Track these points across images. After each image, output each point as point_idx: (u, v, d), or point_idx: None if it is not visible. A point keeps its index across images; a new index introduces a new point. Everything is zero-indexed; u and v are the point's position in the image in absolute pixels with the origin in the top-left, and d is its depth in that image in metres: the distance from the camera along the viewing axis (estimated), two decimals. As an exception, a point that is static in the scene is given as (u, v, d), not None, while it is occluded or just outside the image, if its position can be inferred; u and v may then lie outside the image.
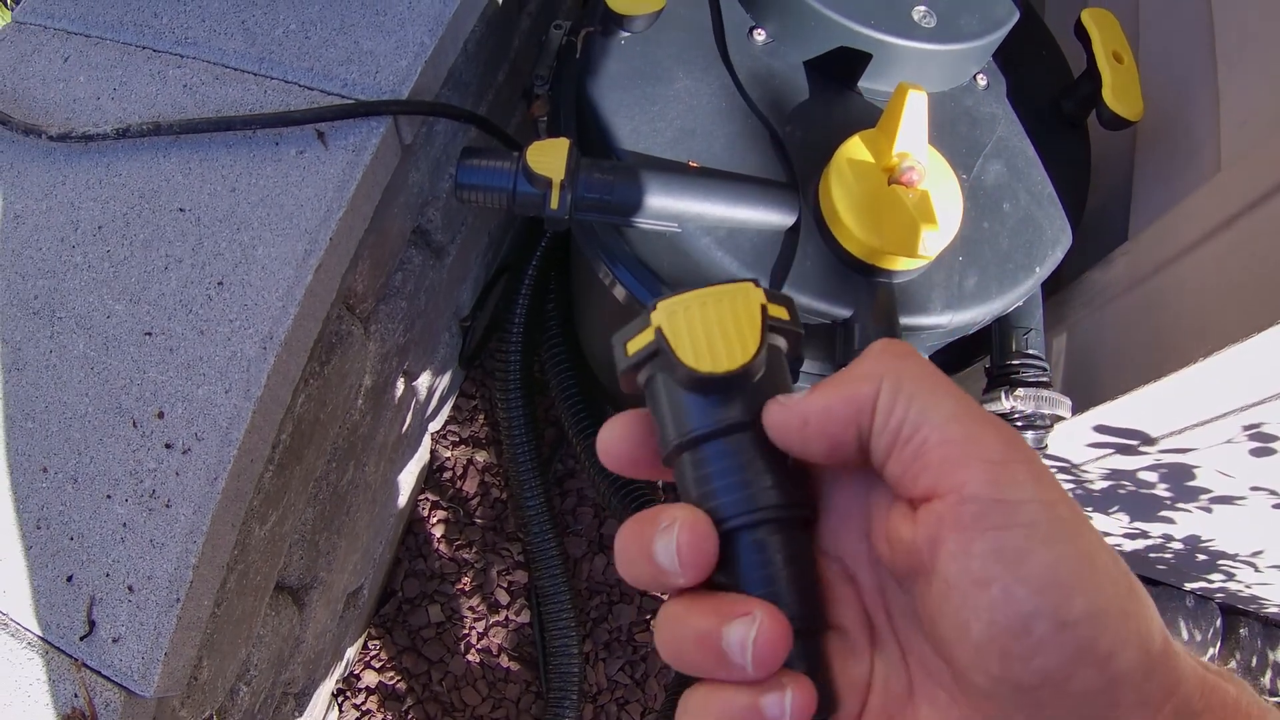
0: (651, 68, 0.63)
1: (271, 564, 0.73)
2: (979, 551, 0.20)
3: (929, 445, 0.22)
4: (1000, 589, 0.20)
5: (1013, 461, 0.21)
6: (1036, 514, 0.20)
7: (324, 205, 0.58)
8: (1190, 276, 0.66)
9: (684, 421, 0.26)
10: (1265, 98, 0.65)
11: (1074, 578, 0.20)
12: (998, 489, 0.21)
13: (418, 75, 0.60)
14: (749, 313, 0.26)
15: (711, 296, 0.26)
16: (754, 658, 0.22)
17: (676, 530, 0.23)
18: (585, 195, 0.58)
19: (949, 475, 0.21)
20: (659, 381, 0.26)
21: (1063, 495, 0.21)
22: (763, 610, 0.23)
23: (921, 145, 0.57)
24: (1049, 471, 0.21)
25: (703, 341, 0.25)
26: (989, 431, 0.22)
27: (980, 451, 0.21)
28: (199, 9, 0.66)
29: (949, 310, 0.62)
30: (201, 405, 0.58)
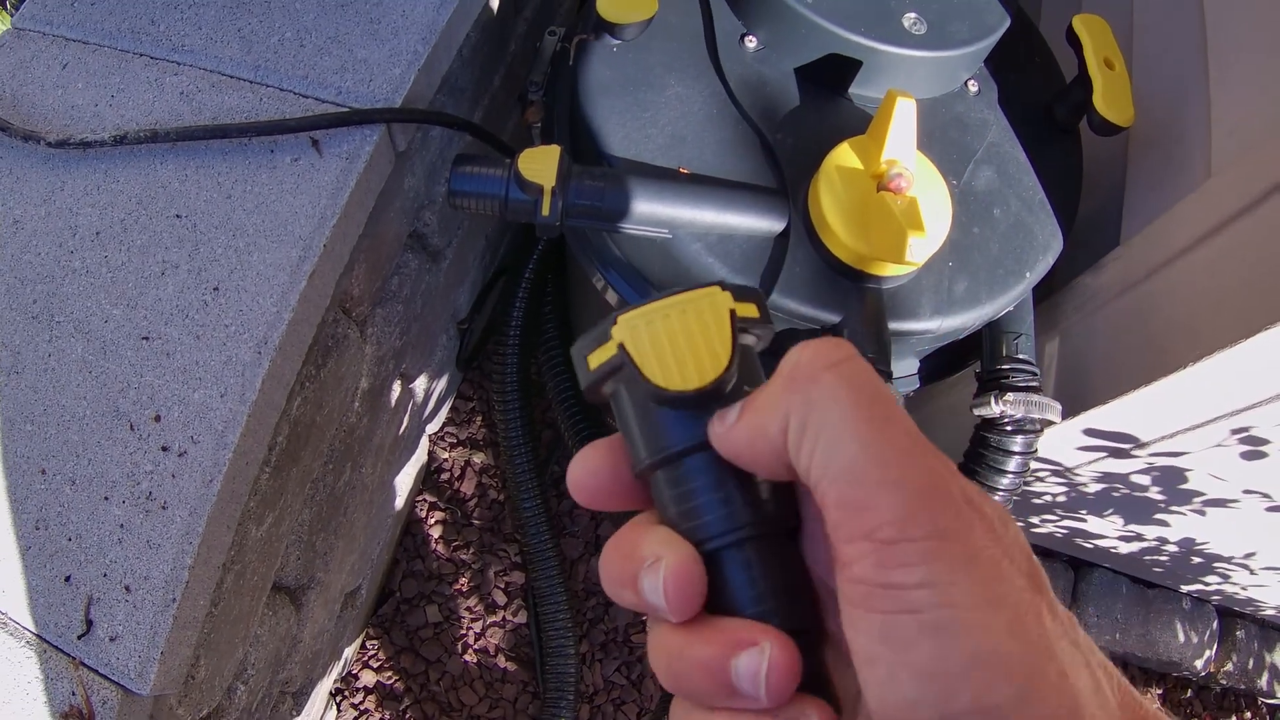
0: (643, 75, 0.64)
1: (268, 564, 0.73)
2: (866, 629, 0.20)
3: (827, 503, 0.20)
4: (886, 670, 0.19)
5: (905, 540, 0.19)
6: (925, 600, 0.19)
7: (318, 212, 0.59)
8: (1181, 282, 0.66)
9: (656, 439, 0.24)
10: (1256, 105, 0.65)
11: (960, 673, 0.18)
12: (884, 573, 0.19)
13: (411, 83, 0.61)
14: (717, 320, 0.24)
15: (675, 307, 0.24)
16: (769, 689, 0.21)
17: (663, 572, 0.22)
18: (576, 202, 0.59)
19: (841, 545, 0.20)
20: (625, 395, 0.25)
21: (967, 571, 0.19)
22: (769, 638, 0.21)
23: (910, 152, 0.58)
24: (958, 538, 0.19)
25: (669, 356, 0.23)
26: (884, 496, 0.19)
27: (870, 526, 0.19)
28: (195, 17, 0.67)
29: (938, 316, 0.62)
30: (197, 409, 0.58)
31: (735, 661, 0.21)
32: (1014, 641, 0.19)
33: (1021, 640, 0.19)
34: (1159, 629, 1.04)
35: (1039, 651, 0.19)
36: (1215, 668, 1.07)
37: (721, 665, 0.21)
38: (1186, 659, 1.06)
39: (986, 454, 0.66)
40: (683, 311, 0.24)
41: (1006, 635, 0.19)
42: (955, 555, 0.19)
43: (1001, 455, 0.66)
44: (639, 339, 0.24)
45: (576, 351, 0.26)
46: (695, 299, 0.24)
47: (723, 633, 0.22)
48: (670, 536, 0.23)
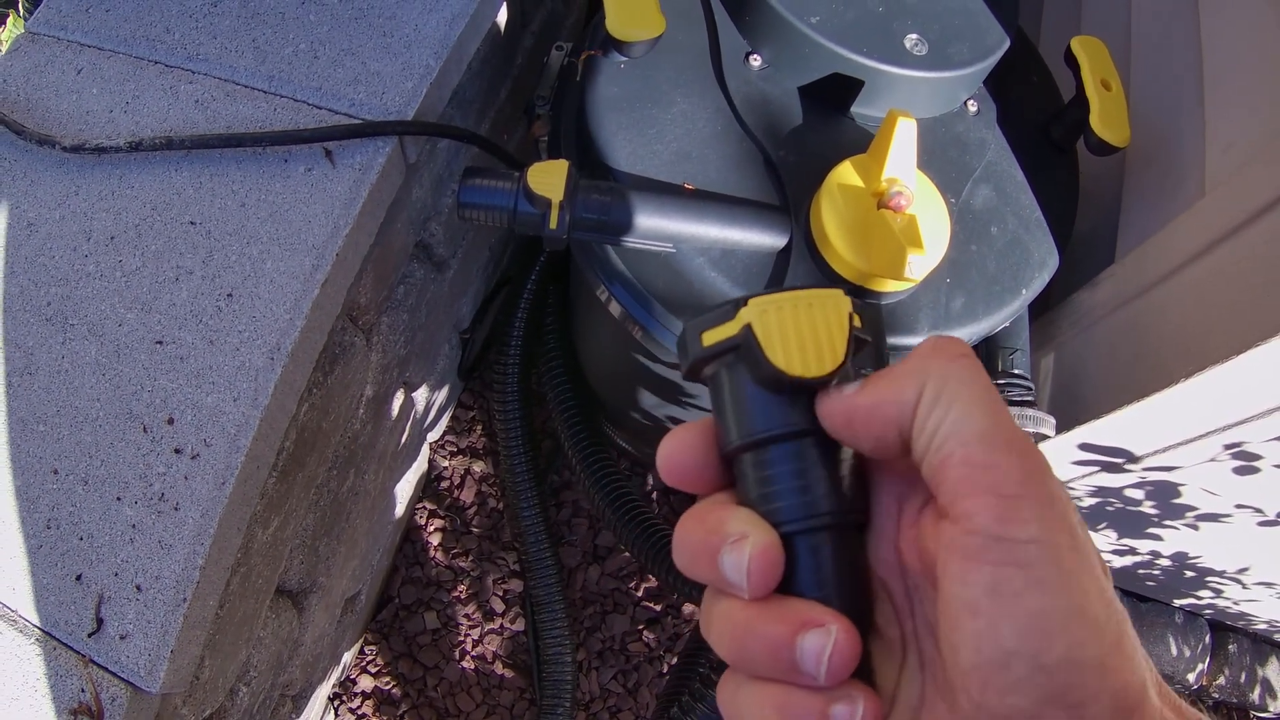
0: (649, 91, 0.65)
1: (273, 568, 0.74)
2: (975, 581, 0.21)
3: (952, 461, 0.22)
4: (987, 622, 0.21)
5: (1025, 498, 0.21)
6: (1036, 556, 0.21)
7: (331, 222, 0.60)
8: (1174, 299, 0.68)
9: (752, 421, 0.26)
10: (1250, 123, 0.67)
11: (1059, 625, 0.20)
12: (1002, 525, 0.21)
13: (423, 96, 0.62)
14: (839, 320, 0.26)
15: (803, 300, 0.26)
16: (829, 669, 0.23)
17: (749, 550, 0.24)
18: (583, 216, 0.60)
19: (961, 500, 0.22)
20: (728, 376, 0.26)
21: (1070, 538, 0.21)
22: (837, 622, 0.23)
23: (910, 171, 0.59)
24: (1063, 509, 0.21)
25: (793, 344, 0.25)
26: (1011, 460, 0.22)
27: (995, 482, 0.21)
28: (210, 26, 0.68)
29: (935, 331, 0.63)
30: (210, 413, 0.59)
31: (802, 640, 0.23)
32: (1103, 608, 0.21)
33: (1108, 609, 0.21)
34: (1151, 642, 1.05)
35: (1119, 622, 0.21)
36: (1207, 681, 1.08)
37: (788, 642, 0.23)
38: (1179, 672, 1.07)
39: (982, 467, 0.68)
40: (809, 305, 0.26)
41: (1099, 600, 0.21)
42: (1062, 520, 0.21)
43: (997, 468, 0.67)
44: (767, 322, 0.25)
45: (691, 328, 0.27)
46: (822, 296, 0.26)
47: (791, 612, 0.24)
48: (754, 517, 0.25)
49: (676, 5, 0.67)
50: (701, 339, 0.27)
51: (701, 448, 0.27)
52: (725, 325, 0.26)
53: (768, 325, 0.25)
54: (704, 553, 0.25)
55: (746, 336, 0.25)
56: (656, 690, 1.03)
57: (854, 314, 0.26)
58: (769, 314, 0.25)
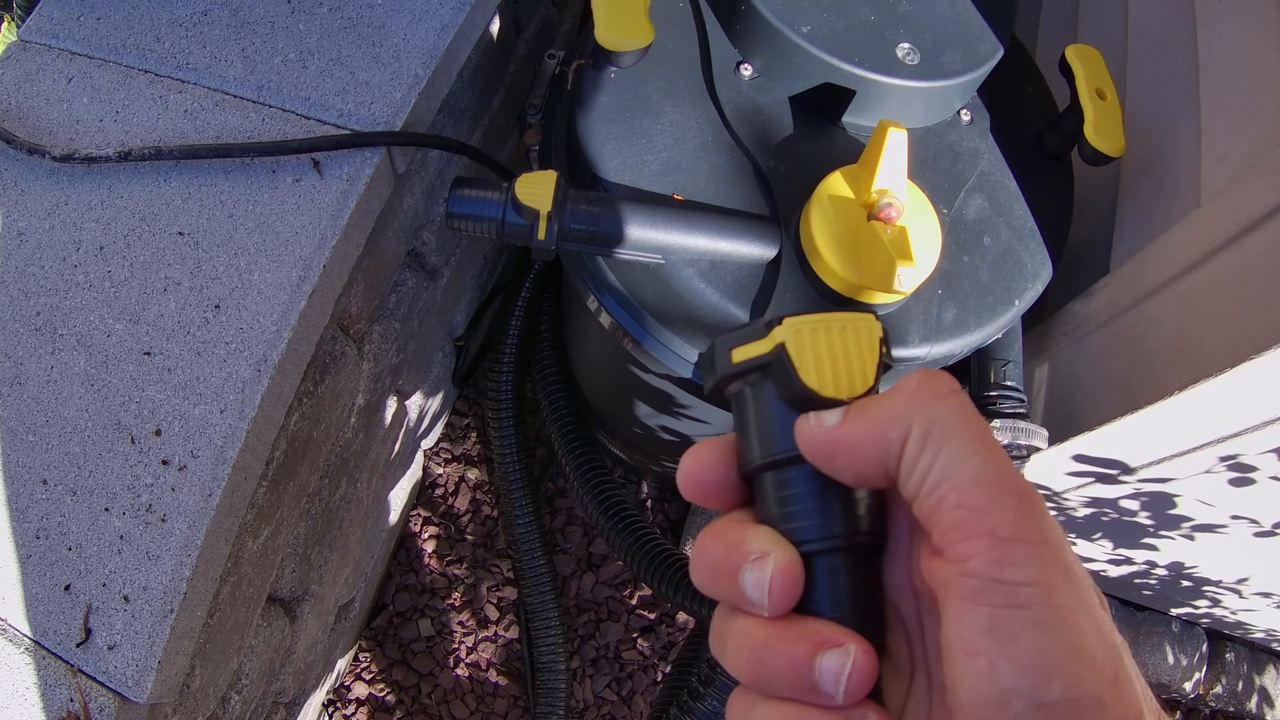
0: (640, 101, 0.65)
1: (264, 576, 0.74)
2: (972, 622, 0.21)
3: (946, 505, 0.22)
4: (986, 662, 0.21)
5: (1020, 541, 0.21)
6: (1033, 597, 0.21)
7: (318, 233, 0.60)
8: (1168, 310, 0.67)
9: (776, 441, 0.26)
10: (1245, 133, 0.67)
11: (1057, 665, 0.21)
12: (999, 568, 0.21)
13: (411, 107, 0.62)
14: (870, 345, 0.26)
15: (837, 323, 0.26)
16: (847, 689, 0.23)
17: (770, 568, 0.24)
18: (571, 227, 0.60)
19: (957, 543, 0.22)
20: (753, 395, 0.27)
21: (1066, 578, 0.21)
22: (855, 643, 0.23)
23: (900, 182, 0.59)
24: (1058, 550, 0.22)
25: (826, 366, 0.26)
26: (1006, 503, 0.22)
27: (991, 525, 0.22)
28: (200, 35, 0.68)
29: (926, 343, 0.63)
30: (198, 424, 0.59)
31: (820, 660, 0.23)
32: (1100, 646, 0.21)
33: (1105, 646, 0.21)
34: (1148, 651, 1.05)
35: (1116, 658, 0.21)
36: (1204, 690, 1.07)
37: (806, 662, 0.23)
38: (1175, 681, 1.07)
39: (974, 479, 0.67)
40: (843, 328, 0.26)
41: (1095, 638, 0.21)
42: (1061, 563, 0.22)
43: (989, 481, 0.67)
44: (801, 343, 0.26)
45: (721, 344, 0.27)
46: (855, 320, 0.27)
47: (810, 631, 0.24)
48: (775, 536, 0.25)
49: (668, 14, 0.67)
50: (731, 355, 0.27)
51: (723, 465, 0.27)
52: (757, 343, 0.26)
53: (802, 345, 0.26)
54: (724, 570, 0.25)
55: (780, 355, 0.26)
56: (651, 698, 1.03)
57: (884, 339, 0.26)
58: (803, 334, 0.26)
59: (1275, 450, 0.69)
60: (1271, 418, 0.64)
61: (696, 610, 0.80)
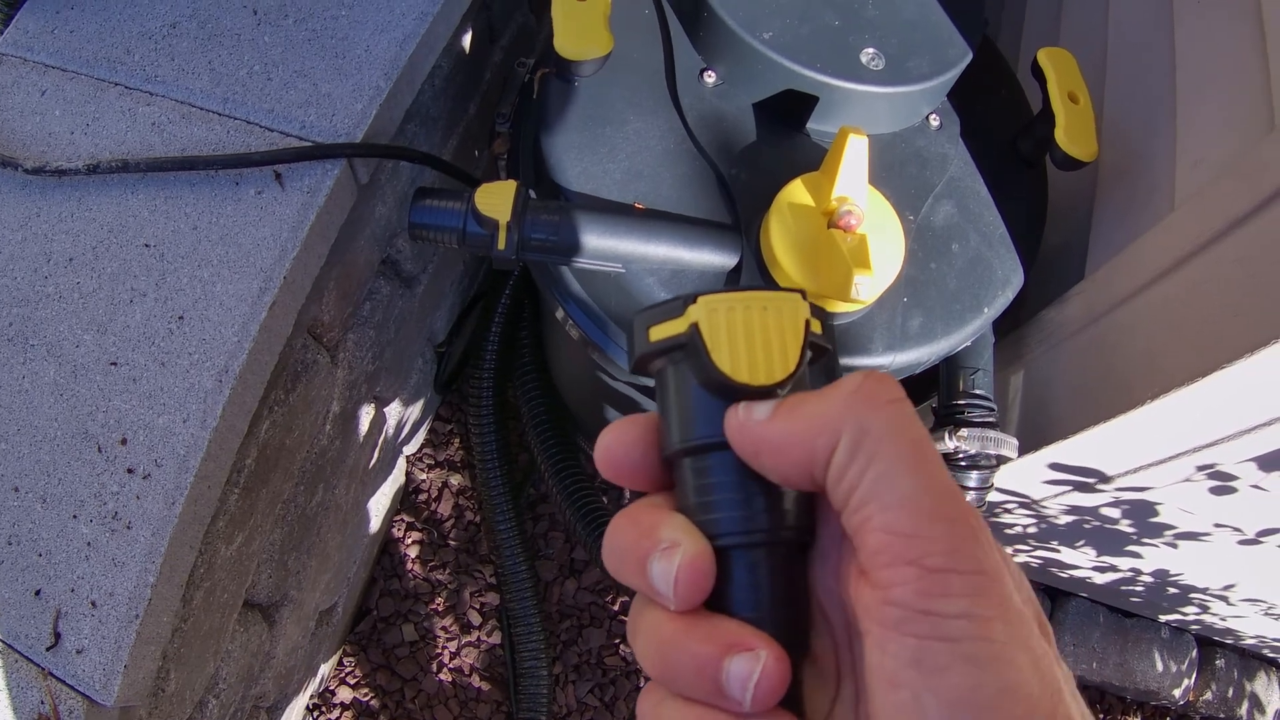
0: (602, 110, 0.64)
1: (239, 582, 0.75)
2: (895, 652, 0.20)
3: (871, 525, 0.21)
4: (911, 696, 0.19)
5: (951, 571, 0.20)
6: (963, 631, 0.19)
7: (279, 245, 0.60)
8: (1143, 316, 0.66)
9: (695, 425, 0.24)
10: (1220, 139, 0.65)
11: (988, 702, 0.19)
12: (926, 600, 0.20)
13: (373, 118, 0.62)
14: (794, 325, 0.24)
15: (757, 302, 0.24)
16: (755, 697, 0.21)
17: (678, 560, 0.22)
18: (531, 236, 0.60)
19: (881, 569, 0.20)
20: (674, 375, 0.25)
21: (1001, 609, 0.20)
22: (767, 648, 0.22)
23: (861, 189, 0.58)
24: (994, 580, 0.20)
25: (741, 348, 0.23)
26: (936, 529, 0.20)
27: (919, 553, 0.20)
28: (169, 48, 0.69)
29: (891, 351, 0.62)
30: (161, 433, 0.60)
31: (728, 663, 0.21)
32: (1038, 682, 0.19)
33: (1043, 682, 0.20)
34: (1136, 658, 1.03)
35: (1054, 694, 0.20)
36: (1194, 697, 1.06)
37: (714, 664, 0.22)
38: (1165, 688, 1.05)
39: (942, 488, 0.67)
40: (763, 308, 0.24)
41: (1032, 674, 0.19)
42: (994, 594, 0.20)
43: (957, 490, 0.66)
44: (715, 323, 0.24)
45: (639, 321, 0.26)
46: (777, 299, 0.24)
47: (720, 631, 0.22)
48: (688, 526, 0.23)
49: (633, 22, 0.67)
50: (649, 334, 0.25)
51: (641, 445, 0.25)
52: (673, 321, 0.24)
53: (716, 326, 0.24)
54: (633, 557, 0.23)
55: (693, 336, 0.24)
56: (634, 705, 1.03)
57: (811, 319, 0.24)
58: (718, 313, 0.24)
59: (1254, 459, 0.68)
60: (1248, 426, 0.63)
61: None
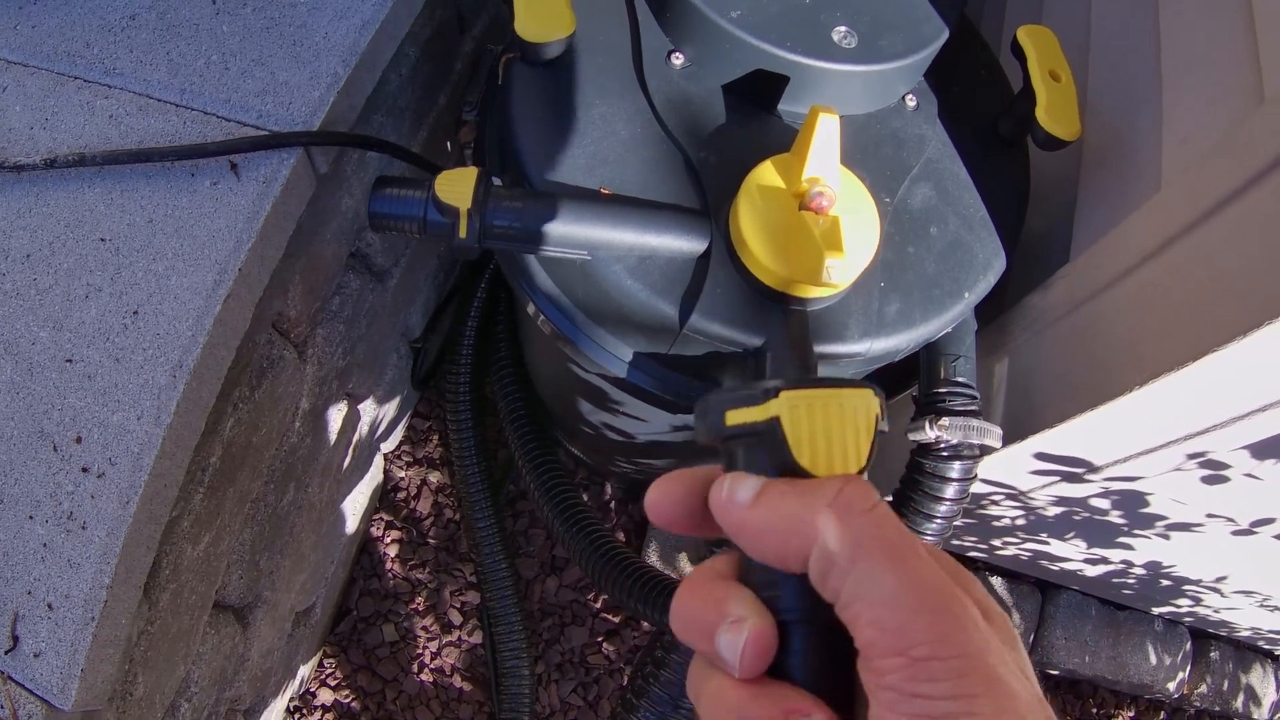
0: (568, 94, 0.63)
1: (208, 583, 0.74)
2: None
3: (861, 622, 0.23)
4: None
5: (936, 659, 0.21)
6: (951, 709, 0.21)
7: (234, 236, 0.59)
8: (1128, 300, 0.64)
9: None
10: (1208, 115, 0.64)
11: None
12: (914, 684, 0.21)
13: (330, 105, 0.61)
14: (867, 422, 0.26)
15: (834, 400, 0.26)
16: None
17: (746, 635, 0.24)
18: (493, 224, 0.58)
19: (875, 659, 0.22)
20: (745, 456, 0.27)
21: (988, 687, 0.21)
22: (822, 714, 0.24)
23: (833, 170, 0.56)
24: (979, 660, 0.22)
25: (820, 444, 0.26)
26: (921, 621, 0.22)
27: (905, 645, 0.22)
28: (128, 40, 0.68)
29: (867, 338, 0.61)
30: (116, 431, 0.58)
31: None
32: None
33: None
34: (1129, 651, 1.01)
35: None
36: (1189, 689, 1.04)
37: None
38: (1159, 681, 1.03)
39: (922, 480, 0.65)
40: (840, 405, 0.26)
41: None
42: (979, 673, 0.22)
43: (938, 482, 0.64)
44: (797, 419, 0.26)
45: (715, 403, 0.27)
46: (854, 397, 0.27)
47: (781, 697, 0.24)
48: (754, 602, 0.26)
49: (598, 3, 0.65)
50: (725, 417, 0.27)
51: (686, 502, 0.28)
52: (753, 409, 0.26)
53: (797, 422, 0.26)
54: (702, 627, 0.25)
55: (775, 430, 0.26)
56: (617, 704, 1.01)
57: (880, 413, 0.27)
58: (800, 410, 0.26)
59: (1247, 447, 0.66)
60: (1240, 413, 0.61)
61: (651, 616, 0.78)
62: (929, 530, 0.65)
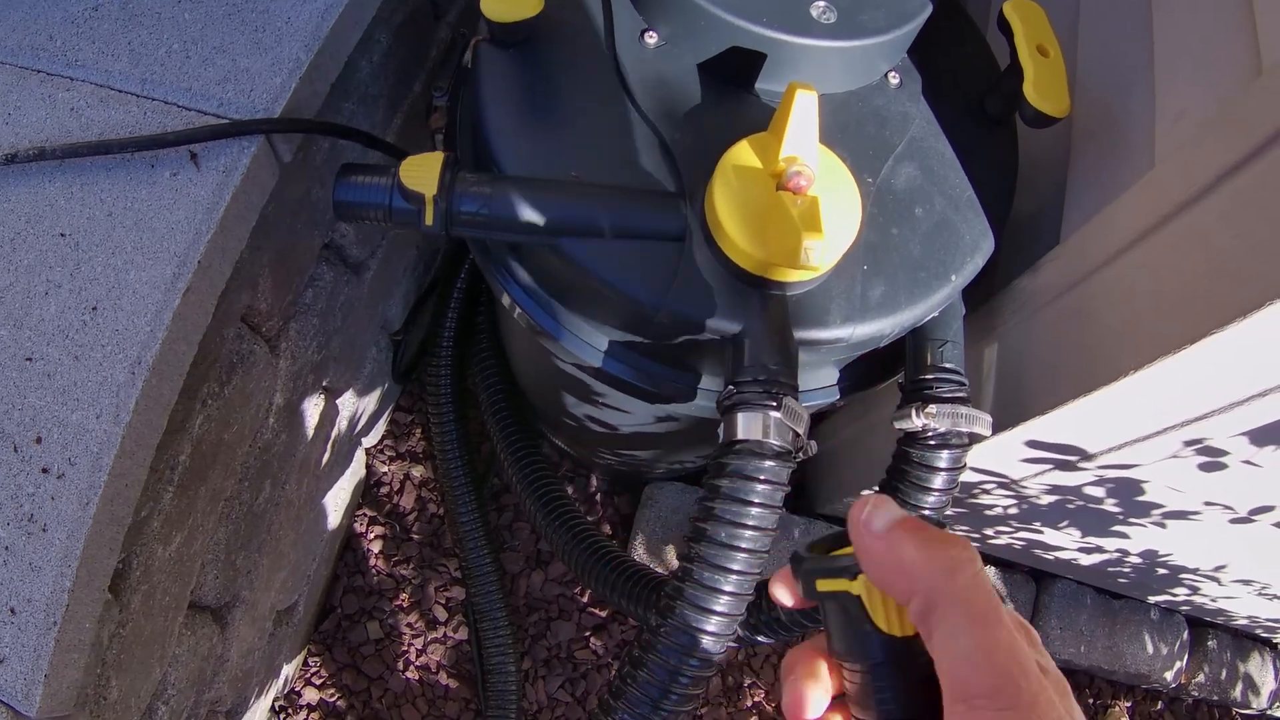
0: (539, 76, 0.61)
1: (182, 584, 0.72)
2: None
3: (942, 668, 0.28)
4: None
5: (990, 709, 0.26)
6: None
7: (193, 228, 0.57)
8: (1120, 282, 0.62)
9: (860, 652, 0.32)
10: (1204, 88, 0.61)
11: None
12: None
13: (292, 92, 0.59)
14: None
15: None
16: None
17: None
18: (460, 210, 0.56)
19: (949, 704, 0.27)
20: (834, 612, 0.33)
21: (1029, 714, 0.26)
22: None
23: (811, 148, 0.55)
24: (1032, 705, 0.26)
25: (894, 610, 0.30)
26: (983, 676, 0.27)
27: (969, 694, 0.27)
28: (90, 31, 0.66)
29: (849, 323, 0.59)
30: (75, 430, 0.57)
31: None
32: None
33: None
34: (1126, 640, 0.99)
35: None
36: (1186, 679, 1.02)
37: None
38: (1156, 671, 1.01)
39: (909, 470, 0.63)
40: None
41: None
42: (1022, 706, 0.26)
43: (925, 472, 0.62)
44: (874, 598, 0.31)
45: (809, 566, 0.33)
46: None
47: None
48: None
49: (570, -18, 0.63)
50: (817, 584, 0.33)
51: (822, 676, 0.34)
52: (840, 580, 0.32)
53: (874, 595, 0.31)
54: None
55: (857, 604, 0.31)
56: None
57: None
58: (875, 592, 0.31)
59: (1246, 433, 0.64)
60: (1239, 398, 0.59)
61: (634, 611, 0.76)
62: (917, 522, 0.64)
